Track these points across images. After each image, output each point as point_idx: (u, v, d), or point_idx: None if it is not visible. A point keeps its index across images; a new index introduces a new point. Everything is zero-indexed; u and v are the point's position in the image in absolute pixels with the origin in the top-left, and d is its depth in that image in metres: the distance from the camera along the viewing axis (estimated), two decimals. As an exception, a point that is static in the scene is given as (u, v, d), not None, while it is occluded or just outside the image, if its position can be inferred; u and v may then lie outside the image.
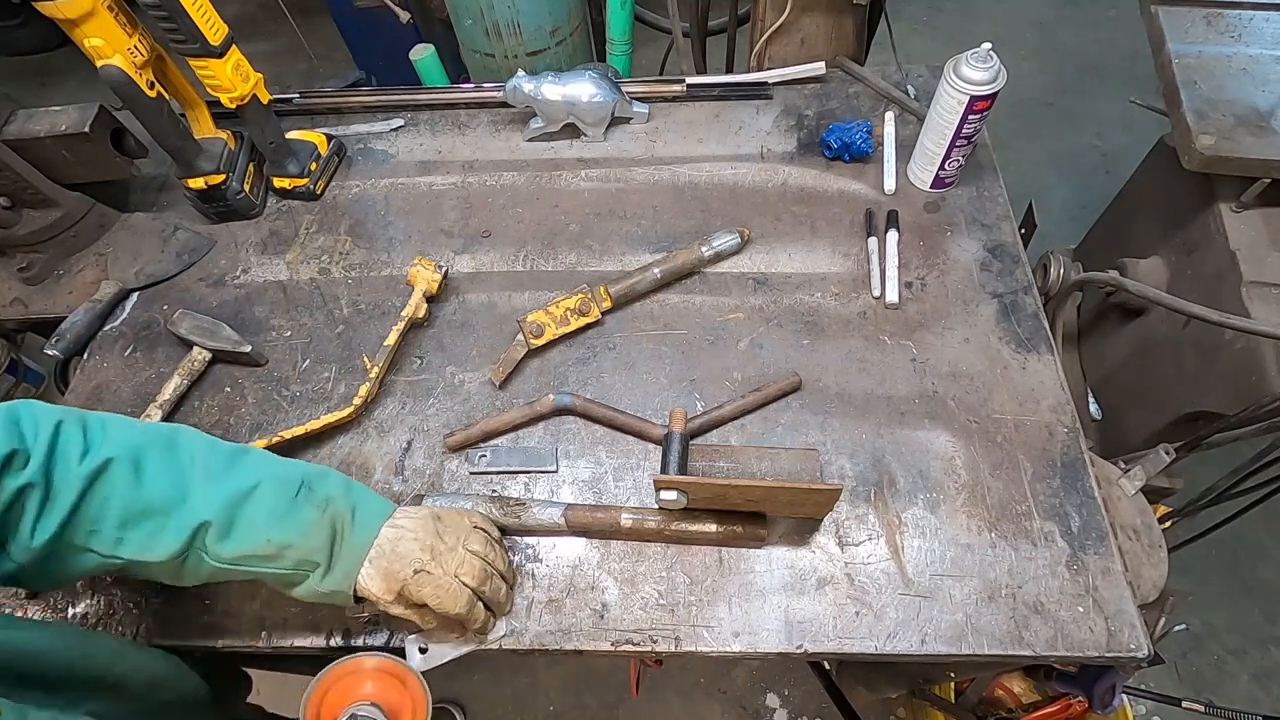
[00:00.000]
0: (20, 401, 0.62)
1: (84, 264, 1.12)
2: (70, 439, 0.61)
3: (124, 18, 0.93)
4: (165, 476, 0.63)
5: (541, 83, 1.14)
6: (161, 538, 0.62)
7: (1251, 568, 1.86)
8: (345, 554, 0.67)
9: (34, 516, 0.59)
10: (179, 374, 0.96)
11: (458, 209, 1.15)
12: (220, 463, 0.66)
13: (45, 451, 0.59)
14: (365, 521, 0.69)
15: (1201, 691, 1.70)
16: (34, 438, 0.60)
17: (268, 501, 0.65)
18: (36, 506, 0.59)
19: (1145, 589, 0.88)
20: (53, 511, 0.59)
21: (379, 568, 0.68)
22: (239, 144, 1.15)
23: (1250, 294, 1.11)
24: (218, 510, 0.63)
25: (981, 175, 1.12)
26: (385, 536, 0.69)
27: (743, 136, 1.21)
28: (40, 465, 0.59)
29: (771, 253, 1.06)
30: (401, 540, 0.69)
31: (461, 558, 0.72)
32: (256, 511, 0.65)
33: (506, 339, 0.99)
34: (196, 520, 0.62)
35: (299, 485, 0.67)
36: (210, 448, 0.68)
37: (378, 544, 0.69)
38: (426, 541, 0.70)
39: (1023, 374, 0.92)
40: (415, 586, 0.68)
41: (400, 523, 0.71)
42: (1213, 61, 1.21)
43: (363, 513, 0.70)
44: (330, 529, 0.67)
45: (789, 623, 0.77)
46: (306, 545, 0.65)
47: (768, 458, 0.87)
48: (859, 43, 1.31)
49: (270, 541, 0.64)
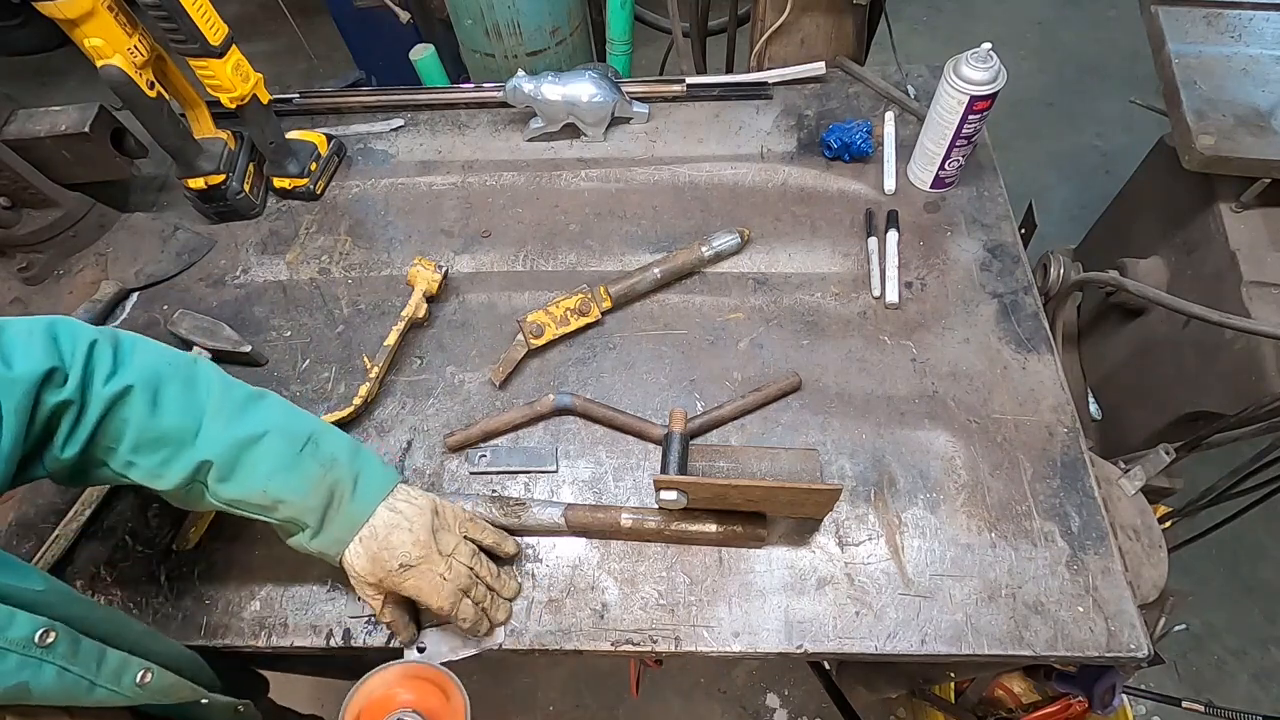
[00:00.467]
0: (59, 318, 0.64)
1: (84, 264, 1.12)
2: (101, 358, 0.64)
3: (124, 18, 0.93)
4: (179, 409, 0.65)
5: (541, 83, 1.14)
6: (167, 469, 0.64)
7: (1251, 568, 1.86)
8: (338, 522, 0.68)
9: (66, 432, 0.62)
10: (179, 374, 0.96)
11: (458, 209, 1.16)
12: (234, 405, 0.67)
13: (81, 370, 0.62)
14: (365, 493, 0.69)
15: (1201, 691, 1.70)
16: (71, 356, 0.62)
17: (272, 453, 0.66)
18: (70, 423, 0.62)
19: (1145, 589, 0.88)
20: (81, 427, 0.62)
21: (368, 550, 0.68)
22: (239, 144, 1.15)
23: (1250, 294, 1.11)
24: (221, 452, 0.65)
25: (981, 175, 1.12)
26: (381, 519, 0.69)
27: (743, 136, 1.21)
28: (77, 384, 0.61)
29: (771, 253, 1.06)
30: (396, 530, 0.69)
31: (448, 564, 0.71)
32: (259, 461, 0.66)
33: (506, 339, 0.99)
34: (200, 458, 0.64)
35: (305, 440, 0.68)
36: (227, 388, 0.69)
37: (372, 525, 0.69)
38: (421, 538, 0.70)
39: (1023, 374, 0.92)
40: (398, 580, 0.69)
41: (400, 507, 0.71)
42: (1213, 61, 1.21)
43: (364, 483, 0.70)
44: (328, 494, 0.67)
45: (789, 623, 0.77)
46: (301, 504, 0.66)
47: (768, 458, 0.87)
48: (859, 43, 1.31)
49: (266, 493, 0.65)
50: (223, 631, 0.80)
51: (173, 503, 0.69)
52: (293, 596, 0.82)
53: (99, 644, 0.54)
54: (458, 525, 0.75)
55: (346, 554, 0.68)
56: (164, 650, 0.66)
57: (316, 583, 0.82)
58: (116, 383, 0.63)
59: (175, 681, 0.61)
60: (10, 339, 0.60)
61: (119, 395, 0.63)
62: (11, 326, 0.61)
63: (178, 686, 0.61)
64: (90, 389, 0.62)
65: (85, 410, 0.62)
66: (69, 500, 0.87)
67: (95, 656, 0.53)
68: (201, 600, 0.82)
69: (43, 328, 0.62)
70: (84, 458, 0.64)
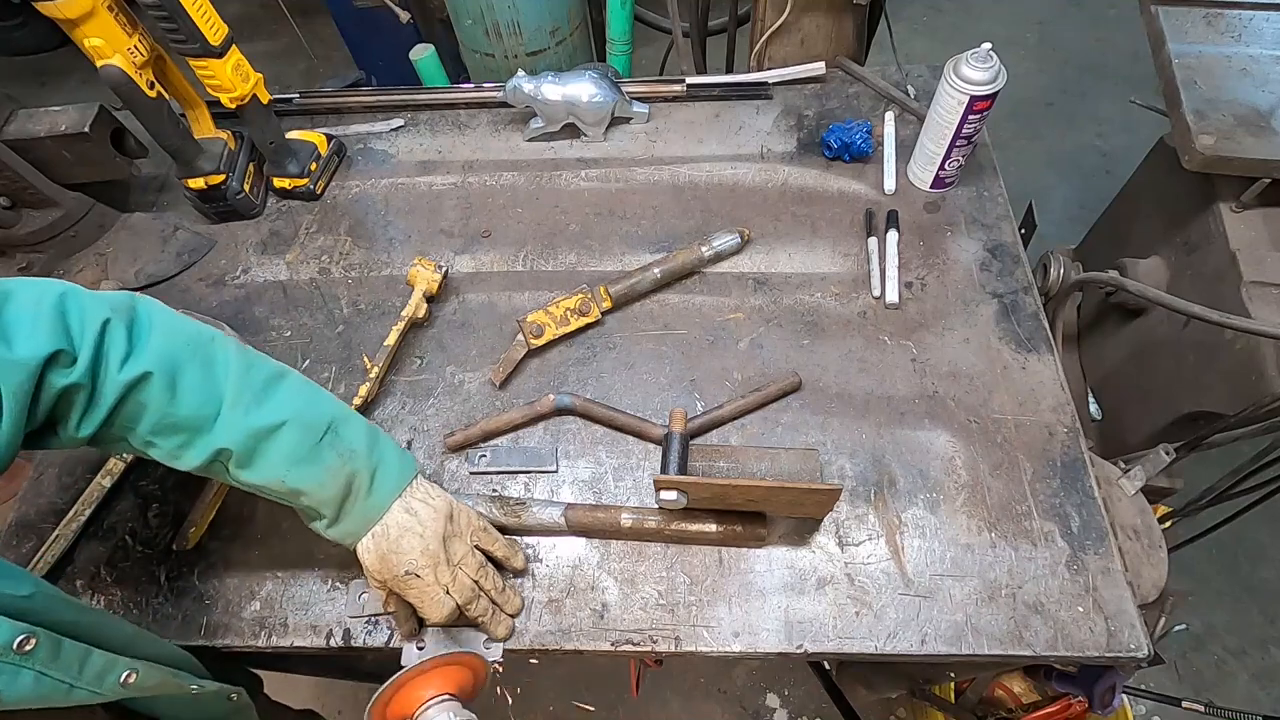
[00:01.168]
0: (69, 291, 0.62)
1: (84, 264, 1.12)
2: (115, 341, 0.62)
3: (124, 18, 0.93)
4: (198, 395, 0.64)
5: (541, 83, 1.14)
6: (187, 452, 0.64)
7: (1251, 568, 1.86)
8: (354, 514, 0.68)
9: (80, 413, 0.62)
10: (179, 374, 0.95)
11: (458, 209, 1.16)
12: (254, 391, 0.66)
13: (92, 353, 0.60)
14: (381, 488, 0.69)
15: (1201, 691, 1.70)
16: (81, 337, 0.60)
17: (290, 442, 0.65)
18: (82, 405, 0.61)
19: (1145, 589, 0.88)
20: (96, 411, 0.62)
21: (379, 548, 0.69)
22: (239, 144, 1.15)
23: (1250, 294, 1.11)
24: (241, 440, 0.64)
25: (981, 175, 1.12)
26: (395, 519, 0.69)
27: (743, 136, 1.21)
28: (87, 368, 0.60)
29: (771, 253, 1.06)
30: (408, 534, 0.69)
31: (453, 575, 0.71)
32: (278, 450, 0.65)
33: (506, 339, 0.99)
34: (219, 445, 0.64)
35: (325, 429, 0.67)
36: (246, 369, 0.67)
37: (385, 523, 0.69)
38: (431, 546, 0.69)
39: (1023, 374, 0.92)
40: (402, 584, 0.69)
41: (415, 508, 0.70)
42: (1213, 61, 1.21)
43: (381, 477, 0.69)
44: (345, 486, 0.67)
45: (789, 623, 0.77)
46: (319, 495, 0.66)
47: (768, 458, 0.87)
48: (859, 43, 1.31)
49: (285, 483, 0.65)
50: (223, 631, 0.80)
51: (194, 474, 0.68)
52: (292, 597, 0.82)
53: (84, 646, 0.54)
54: (470, 534, 0.75)
55: (359, 547, 0.69)
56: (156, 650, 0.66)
57: (316, 583, 0.82)
58: (132, 368, 0.61)
59: (162, 680, 0.61)
60: (14, 315, 0.58)
61: (135, 381, 0.61)
62: (17, 298, 0.59)
63: (164, 683, 0.61)
64: (103, 373, 0.61)
65: (98, 394, 0.61)
66: (69, 500, 0.87)
67: (79, 659, 0.53)
68: (201, 600, 0.82)
69: (51, 302, 0.60)
70: (102, 434, 0.64)
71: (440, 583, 0.70)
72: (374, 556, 0.69)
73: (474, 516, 0.77)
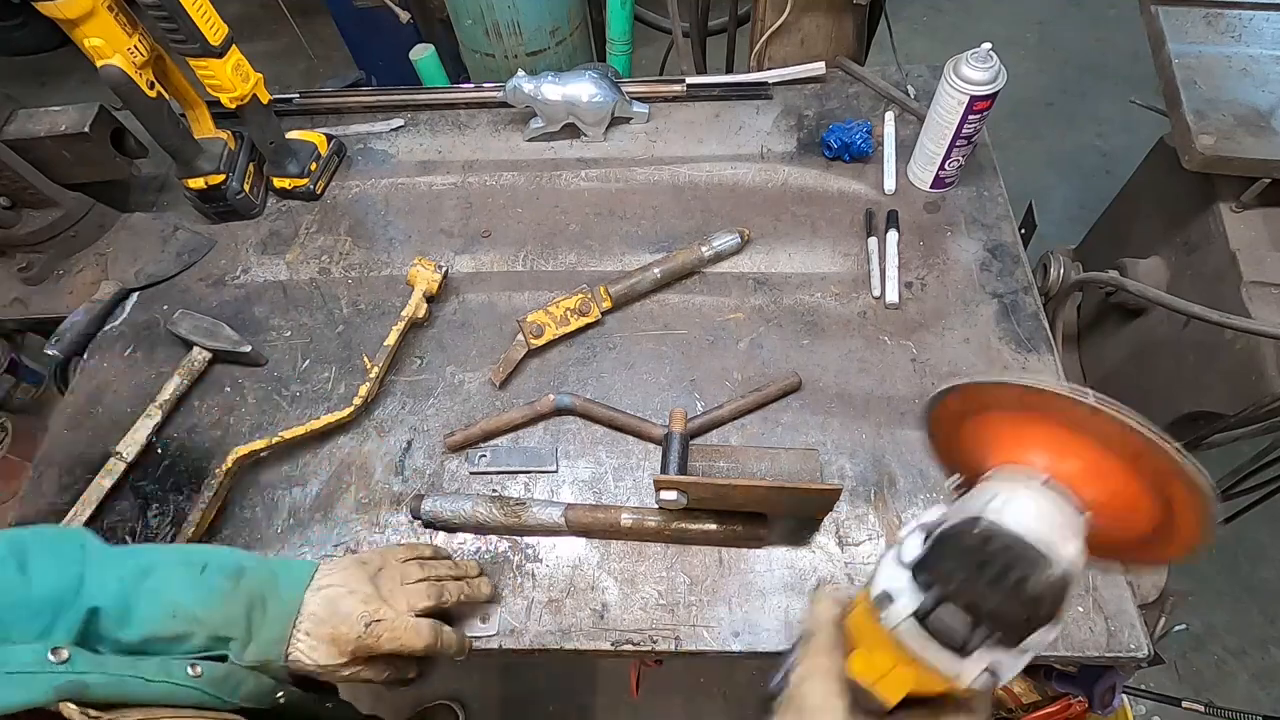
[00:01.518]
0: None
1: (84, 264, 1.12)
2: None
3: (124, 18, 0.93)
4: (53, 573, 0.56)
5: (541, 83, 1.14)
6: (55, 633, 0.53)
7: (1251, 568, 1.85)
8: (270, 621, 0.61)
9: None
10: (179, 374, 0.96)
11: (458, 209, 1.16)
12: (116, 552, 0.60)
13: None
14: (289, 583, 0.63)
15: (1201, 691, 1.70)
16: None
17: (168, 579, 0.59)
18: None
19: (1145, 589, 0.88)
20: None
21: (322, 636, 0.62)
22: (239, 144, 1.15)
23: (1250, 294, 1.11)
24: (113, 593, 0.56)
25: (981, 175, 1.12)
26: (317, 602, 0.63)
27: (743, 136, 1.21)
28: None
29: (771, 253, 1.06)
30: (339, 600, 0.63)
31: (407, 592, 0.67)
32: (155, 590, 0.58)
33: (506, 339, 0.99)
34: (89, 605, 0.55)
35: (203, 564, 0.61)
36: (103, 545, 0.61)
37: (311, 613, 0.62)
38: (366, 591, 0.65)
39: (1023, 374, 0.92)
40: (372, 639, 0.63)
41: (329, 581, 0.65)
42: (1213, 61, 1.21)
43: (285, 575, 0.64)
44: (246, 600, 0.60)
45: (789, 623, 0.77)
46: (221, 617, 0.58)
47: (768, 458, 0.87)
48: (859, 43, 1.31)
49: (176, 617, 0.56)
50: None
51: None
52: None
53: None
54: (389, 557, 0.71)
55: (301, 655, 0.61)
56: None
57: (316, 583, 0.82)
58: None
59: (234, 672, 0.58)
60: None
61: None
62: None
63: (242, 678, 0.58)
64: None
65: None
66: (69, 500, 0.87)
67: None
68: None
69: None
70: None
71: (401, 610, 0.65)
72: (326, 646, 0.61)
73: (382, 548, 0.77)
